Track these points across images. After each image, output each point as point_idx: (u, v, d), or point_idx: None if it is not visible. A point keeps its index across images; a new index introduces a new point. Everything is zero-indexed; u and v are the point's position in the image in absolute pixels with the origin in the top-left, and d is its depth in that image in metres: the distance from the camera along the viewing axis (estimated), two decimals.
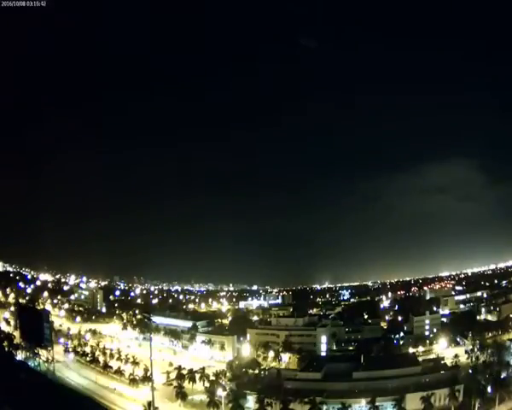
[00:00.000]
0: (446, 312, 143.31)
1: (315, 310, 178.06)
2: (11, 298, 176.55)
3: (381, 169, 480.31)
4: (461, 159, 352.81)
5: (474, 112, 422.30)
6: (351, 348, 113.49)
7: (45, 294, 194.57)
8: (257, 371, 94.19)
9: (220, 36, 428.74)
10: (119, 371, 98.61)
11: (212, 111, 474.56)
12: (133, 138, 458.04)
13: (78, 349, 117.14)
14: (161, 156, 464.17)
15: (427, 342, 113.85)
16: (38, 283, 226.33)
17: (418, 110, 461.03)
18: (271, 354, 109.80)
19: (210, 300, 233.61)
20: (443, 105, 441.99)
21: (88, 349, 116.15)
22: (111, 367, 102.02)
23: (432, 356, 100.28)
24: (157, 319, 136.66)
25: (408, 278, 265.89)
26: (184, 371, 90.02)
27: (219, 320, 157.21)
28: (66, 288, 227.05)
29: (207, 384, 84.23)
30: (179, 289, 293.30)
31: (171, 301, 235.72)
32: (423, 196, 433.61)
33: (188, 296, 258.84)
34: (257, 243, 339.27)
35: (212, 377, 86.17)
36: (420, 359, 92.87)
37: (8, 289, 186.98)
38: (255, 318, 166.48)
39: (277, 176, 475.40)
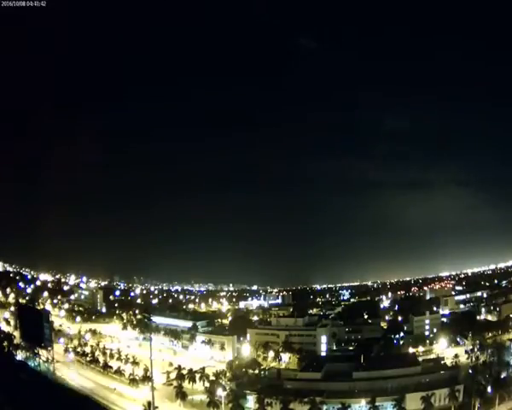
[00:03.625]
0: (446, 312, 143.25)
1: (315, 310, 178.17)
2: (11, 298, 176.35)
3: (382, 169, 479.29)
4: (460, 160, 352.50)
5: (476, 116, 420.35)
6: (351, 348, 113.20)
7: (45, 294, 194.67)
8: (257, 371, 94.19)
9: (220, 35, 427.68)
10: (119, 371, 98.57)
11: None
12: (133, 138, 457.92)
13: (78, 349, 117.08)
14: (161, 155, 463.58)
15: (427, 342, 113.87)
16: (38, 283, 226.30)
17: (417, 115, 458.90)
18: (271, 354, 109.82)
19: (210, 300, 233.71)
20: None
21: (88, 349, 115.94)
22: (111, 367, 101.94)
23: (432, 356, 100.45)
24: (157, 319, 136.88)
25: (408, 278, 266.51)
26: (184, 371, 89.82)
27: (219, 320, 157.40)
28: (66, 288, 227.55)
29: (207, 384, 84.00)
30: (179, 289, 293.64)
31: (171, 301, 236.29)
32: (423, 196, 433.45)
33: (188, 296, 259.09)
34: (257, 243, 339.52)
35: (212, 377, 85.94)
36: (420, 359, 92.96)
37: (8, 289, 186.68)
38: (255, 318, 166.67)
39: (277, 175, 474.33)
